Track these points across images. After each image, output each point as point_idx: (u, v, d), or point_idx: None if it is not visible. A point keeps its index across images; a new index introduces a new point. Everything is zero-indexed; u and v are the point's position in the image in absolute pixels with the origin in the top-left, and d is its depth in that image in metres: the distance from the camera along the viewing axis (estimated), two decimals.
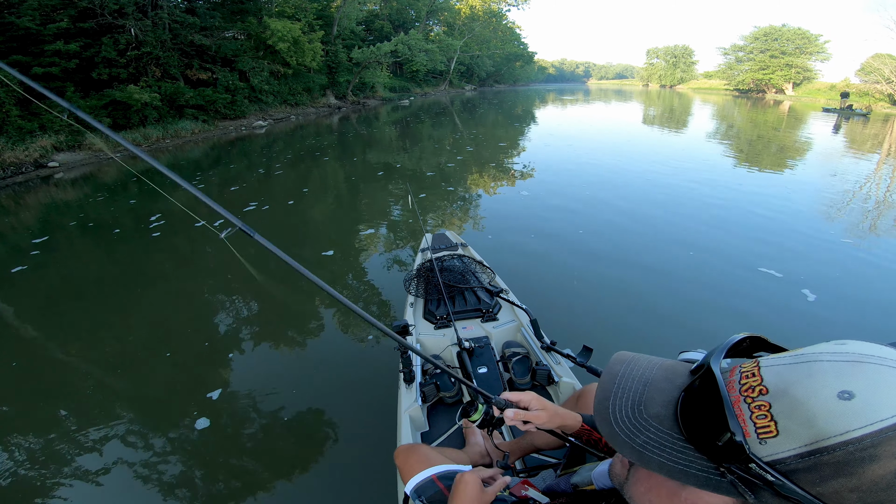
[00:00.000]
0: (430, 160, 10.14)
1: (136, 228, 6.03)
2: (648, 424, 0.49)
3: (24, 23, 11.56)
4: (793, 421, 0.39)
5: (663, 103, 32.64)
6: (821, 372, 0.39)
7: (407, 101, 30.25)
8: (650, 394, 0.51)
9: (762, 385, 0.42)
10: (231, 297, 4.16)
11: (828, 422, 0.37)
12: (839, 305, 3.65)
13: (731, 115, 23.31)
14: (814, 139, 14.06)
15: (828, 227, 5.43)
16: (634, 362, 0.55)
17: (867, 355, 0.39)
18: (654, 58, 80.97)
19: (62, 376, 3.11)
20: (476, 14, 46.93)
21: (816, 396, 0.38)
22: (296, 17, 20.47)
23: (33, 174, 10.02)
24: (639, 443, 0.48)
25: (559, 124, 17.72)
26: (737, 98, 41.83)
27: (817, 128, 17.28)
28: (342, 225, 6.01)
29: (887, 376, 0.37)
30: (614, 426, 0.50)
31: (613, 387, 0.53)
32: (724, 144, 12.27)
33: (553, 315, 3.42)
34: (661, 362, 0.55)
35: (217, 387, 2.87)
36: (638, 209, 6.14)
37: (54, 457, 2.41)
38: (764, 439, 0.40)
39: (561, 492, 1.06)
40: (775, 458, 0.40)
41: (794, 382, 0.40)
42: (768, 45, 47.64)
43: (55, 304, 4.16)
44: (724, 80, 56.99)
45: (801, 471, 0.38)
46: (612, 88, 76.96)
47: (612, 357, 0.58)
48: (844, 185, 7.64)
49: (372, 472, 2.19)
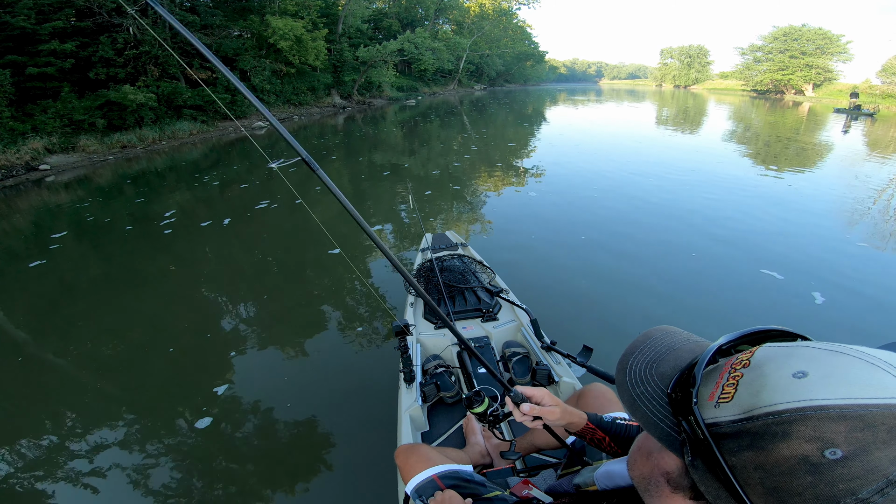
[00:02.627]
0: (437, 161, 10.23)
1: (146, 230, 6.13)
2: (651, 379, 0.52)
3: (18, 22, 11.61)
4: (747, 390, 0.41)
5: (677, 104, 32.54)
6: (797, 354, 0.41)
7: (413, 101, 30.39)
8: (668, 357, 0.54)
9: (749, 359, 0.44)
10: (234, 295, 4.24)
11: (768, 393, 0.39)
12: (848, 308, 3.68)
13: (749, 116, 23.17)
14: (823, 140, 14.02)
15: (844, 232, 5.41)
16: (673, 333, 0.58)
17: (854, 349, 0.40)
18: (668, 58, 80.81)
19: (61, 375, 3.19)
20: (486, 12, 47.14)
21: (777, 372, 0.40)
22: (299, 14, 20.54)
23: (23, 177, 9.98)
24: (637, 393, 0.52)
25: (570, 124, 17.78)
26: (754, 99, 41.61)
27: (832, 129, 17.24)
28: (345, 225, 6.07)
29: (849, 367, 0.38)
30: (625, 374, 0.54)
31: (643, 345, 0.57)
32: (739, 147, 12.21)
33: (553, 315, 3.47)
34: (696, 339, 0.57)
35: (221, 384, 2.95)
36: (644, 210, 6.18)
37: (55, 452, 2.48)
38: (720, 404, 0.43)
39: (563, 492, 1.08)
40: (716, 420, 0.42)
41: (772, 360, 0.42)
42: (788, 45, 47.30)
43: (65, 299, 4.30)
44: (740, 80, 56.65)
45: (728, 437, 0.41)
46: (624, 88, 76.85)
47: (654, 327, 0.61)
48: (865, 189, 7.56)
49: (372, 471, 2.23)
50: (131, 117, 13.75)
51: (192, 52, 16.57)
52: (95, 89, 13.79)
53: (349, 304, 3.95)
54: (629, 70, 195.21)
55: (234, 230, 5.90)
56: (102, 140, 12.56)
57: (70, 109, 12.20)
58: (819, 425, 0.35)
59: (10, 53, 11.76)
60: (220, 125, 16.84)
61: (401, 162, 10.19)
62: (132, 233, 5.99)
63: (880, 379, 0.36)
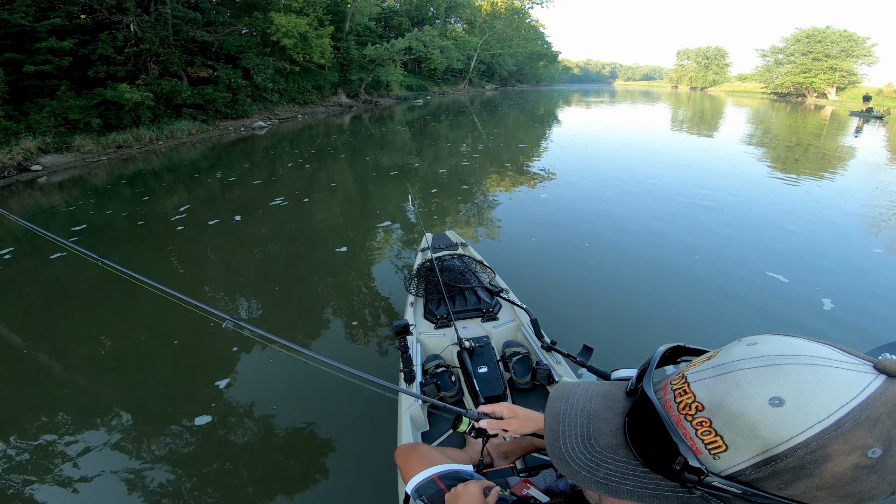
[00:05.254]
0: (444, 161, 10.39)
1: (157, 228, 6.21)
2: (604, 457, 0.50)
3: (16, 19, 11.72)
4: (736, 433, 0.42)
5: (693, 106, 32.43)
6: (746, 381, 0.43)
7: (420, 101, 30.59)
8: (596, 426, 0.53)
9: (696, 402, 0.45)
10: (236, 294, 4.31)
11: (769, 430, 0.40)
12: (859, 315, 3.70)
13: (769, 119, 23.03)
14: (843, 144, 14.01)
15: (861, 239, 5.41)
16: (572, 395, 0.57)
17: (781, 356, 0.43)
18: (685, 59, 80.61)
19: (61, 375, 3.26)
20: (498, 11, 47.36)
21: (750, 407, 0.41)
22: (304, 11, 20.66)
23: (14, 178, 9.99)
24: (601, 476, 0.50)
25: (583, 125, 17.93)
26: (774, 102, 41.40)
27: (850, 133, 17.30)
28: (349, 225, 6.15)
29: (808, 376, 0.40)
30: (572, 465, 0.51)
31: (560, 426, 0.55)
32: (757, 150, 12.12)
33: (553, 315, 3.53)
34: (597, 389, 0.57)
35: (222, 381, 3.03)
36: (650, 213, 6.24)
37: (51, 451, 2.55)
38: (716, 454, 0.43)
39: (560, 492, 1.09)
40: (733, 470, 0.42)
41: (725, 396, 0.43)
42: (811, 47, 47.01)
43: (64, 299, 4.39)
44: (760, 83, 56.32)
45: (763, 479, 0.41)
46: (639, 90, 76.82)
47: (550, 393, 0.60)
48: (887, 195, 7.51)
49: (372, 471, 2.29)
50: (128, 116, 13.70)
51: (195, 50, 16.77)
52: (95, 88, 13.78)
53: (350, 304, 4.02)
54: (644, 71, 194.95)
55: (242, 227, 6.02)
56: (98, 140, 12.61)
57: (66, 108, 12.24)
58: (847, 439, 0.38)
59: (8, 51, 11.81)
60: (220, 124, 16.95)
61: (408, 162, 10.32)
62: (131, 232, 6.11)
63: (842, 378, 0.40)
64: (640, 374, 0.53)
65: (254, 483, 2.29)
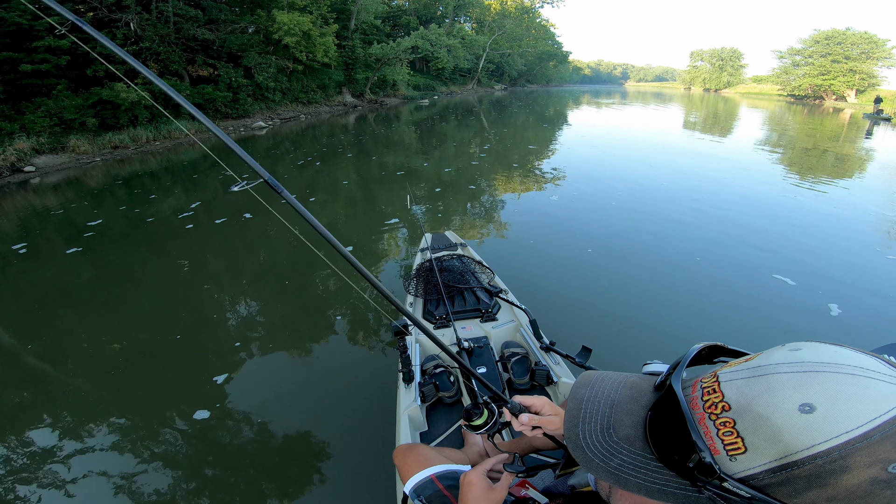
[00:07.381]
0: (449, 162, 10.41)
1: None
2: (620, 447, 0.51)
3: (13, 18, 11.75)
4: (759, 437, 0.42)
5: (707, 108, 32.37)
6: (779, 385, 0.42)
7: (427, 101, 30.71)
8: (618, 416, 0.54)
9: (724, 401, 0.45)
10: (237, 293, 4.39)
11: (793, 436, 0.40)
12: (867, 322, 3.71)
13: (785, 122, 22.93)
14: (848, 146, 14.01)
15: (875, 245, 5.39)
16: (599, 383, 0.58)
17: (822, 363, 0.42)
18: (699, 60, 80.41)
19: (58, 373, 3.31)
20: (507, 10, 47.56)
21: (778, 411, 0.41)
22: (307, 9, 20.68)
23: (7, 179, 9.98)
24: (614, 466, 0.51)
25: (593, 126, 17.96)
26: (791, 104, 41.20)
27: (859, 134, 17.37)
28: (349, 226, 6.19)
29: (845, 385, 0.40)
30: (587, 452, 0.53)
31: (581, 412, 0.56)
32: (772, 154, 12.06)
33: (552, 315, 3.56)
34: (625, 380, 0.58)
35: (220, 378, 3.08)
36: (655, 217, 6.25)
37: (48, 452, 2.59)
38: (734, 456, 0.44)
39: (559, 493, 1.11)
40: (747, 474, 0.43)
41: (755, 398, 0.43)
42: (830, 48, 46.80)
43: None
44: (777, 84, 56.09)
45: (775, 485, 0.42)
46: (650, 91, 76.64)
47: (576, 381, 0.61)
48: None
49: (371, 471, 2.33)
50: (125, 116, 13.69)
51: (196, 48, 16.89)
52: (93, 87, 13.76)
53: (350, 305, 4.07)
54: (656, 72, 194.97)
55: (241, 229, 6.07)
56: (94, 140, 12.59)
57: (61, 108, 12.25)
58: (871, 451, 0.38)
59: (6, 50, 11.83)
60: (220, 124, 16.91)
61: (413, 162, 10.38)
62: (129, 234, 6.17)
63: (881, 390, 0.40)
64: (671, 369, 0.54)
65: (250, 482, 2.33)
